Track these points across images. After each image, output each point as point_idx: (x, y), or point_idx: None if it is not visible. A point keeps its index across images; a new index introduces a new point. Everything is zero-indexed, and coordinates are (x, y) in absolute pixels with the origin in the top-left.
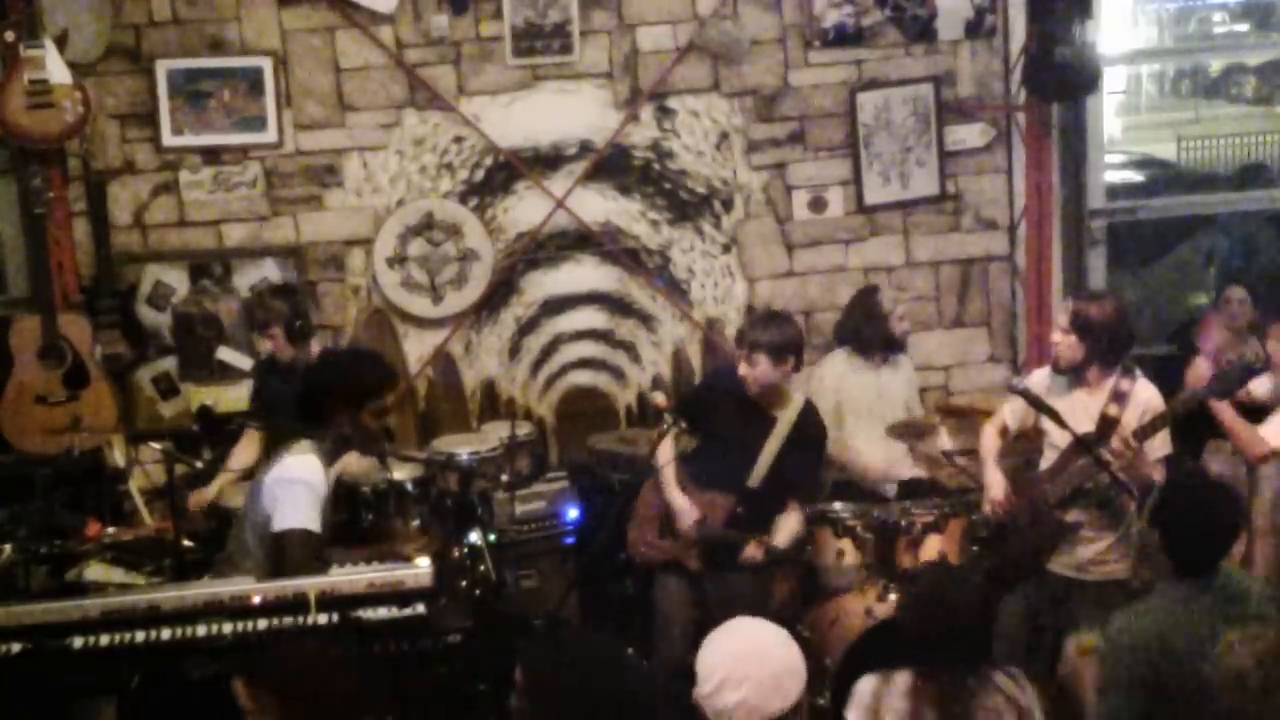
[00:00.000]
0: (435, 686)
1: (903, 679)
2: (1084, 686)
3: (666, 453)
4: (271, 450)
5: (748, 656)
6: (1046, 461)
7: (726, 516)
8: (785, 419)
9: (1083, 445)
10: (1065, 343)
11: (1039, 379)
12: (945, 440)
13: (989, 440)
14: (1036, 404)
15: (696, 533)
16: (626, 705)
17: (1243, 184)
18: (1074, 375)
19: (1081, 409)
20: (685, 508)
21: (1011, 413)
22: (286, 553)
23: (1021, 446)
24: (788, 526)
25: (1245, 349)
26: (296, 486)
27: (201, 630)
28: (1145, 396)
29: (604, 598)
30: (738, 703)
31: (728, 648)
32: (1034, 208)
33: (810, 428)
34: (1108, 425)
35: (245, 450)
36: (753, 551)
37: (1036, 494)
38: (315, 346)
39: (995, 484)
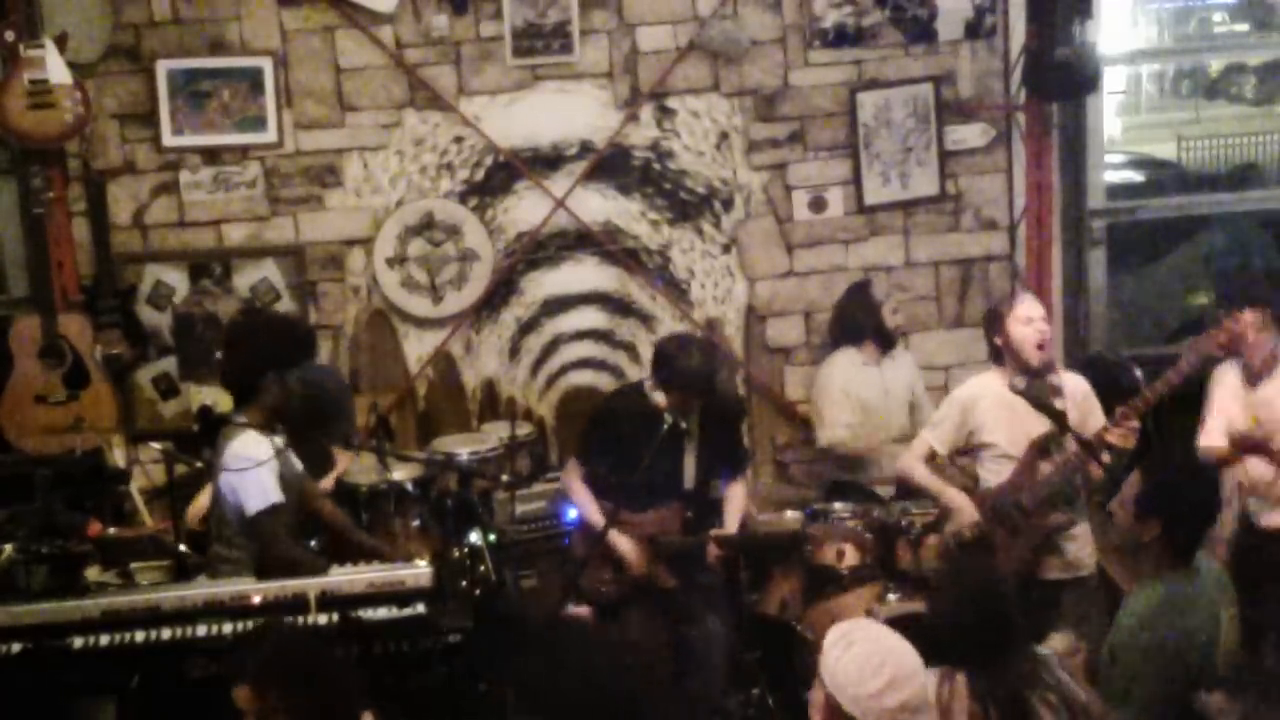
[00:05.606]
0: (435, 686)
1: (962, 678)
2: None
3: (588, 502)
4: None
5: (902, 653)
6: (994, 473)
7: (679, 525)
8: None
9: (1084, 443)
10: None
11: (984, 385)
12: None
13: (921, 468)
14: (1039, 405)
15: (658, 550)
16: (624, 705)
17: (1238, 184)
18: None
19: (1027, 412)
20: (631, 552)
21: (939, 439)
22: (265, 531)
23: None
24: (734, 508)
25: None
26: (247, 468)
27: (201, 630)
28: (1073, 385)
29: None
30: (901, 704)
31: (886, 642)
32: (1034, 208)
33: (719, 404)
34: (1060, 420)
35: None
36: (715, 551)
37: (1008, 507)
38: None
39: (966, 506)
